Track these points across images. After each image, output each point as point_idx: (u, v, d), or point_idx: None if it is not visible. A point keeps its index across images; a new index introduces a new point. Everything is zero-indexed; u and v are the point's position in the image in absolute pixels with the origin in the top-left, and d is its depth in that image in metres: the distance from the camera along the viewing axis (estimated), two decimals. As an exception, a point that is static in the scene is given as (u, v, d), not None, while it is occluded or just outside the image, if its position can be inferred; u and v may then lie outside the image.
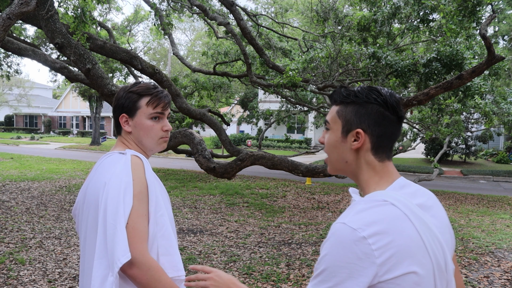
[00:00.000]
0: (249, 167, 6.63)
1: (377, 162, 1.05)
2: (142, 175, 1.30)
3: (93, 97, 24.28)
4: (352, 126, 1.04)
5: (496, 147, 21.87)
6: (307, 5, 15.55)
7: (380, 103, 1.02)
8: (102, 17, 15.92)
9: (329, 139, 1.09)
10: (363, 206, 0.95)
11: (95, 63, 5.41)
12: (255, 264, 4.76)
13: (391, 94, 1.04)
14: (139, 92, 1.40)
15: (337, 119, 1.07)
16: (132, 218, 1.24)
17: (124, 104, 1.41)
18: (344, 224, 0.91)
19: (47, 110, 44.95)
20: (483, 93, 6.59)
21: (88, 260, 1.30)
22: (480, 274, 4.62)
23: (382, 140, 1.04)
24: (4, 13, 3.63)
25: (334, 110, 1.08)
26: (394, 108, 1.03)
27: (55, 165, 14.75)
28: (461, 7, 5.97)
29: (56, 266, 4.55)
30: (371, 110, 1.02)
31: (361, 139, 1.03)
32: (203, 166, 6.36)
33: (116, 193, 1.23)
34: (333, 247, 0.90)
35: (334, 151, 1.08)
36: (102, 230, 1.23)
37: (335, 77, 7.75)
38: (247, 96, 27.21)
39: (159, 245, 1.31)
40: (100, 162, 1.39)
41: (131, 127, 1.42)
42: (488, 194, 10.88)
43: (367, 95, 1.03)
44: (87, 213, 1.31)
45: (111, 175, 1.27)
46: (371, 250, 0.88)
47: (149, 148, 1.45)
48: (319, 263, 0.92)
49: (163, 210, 1.34)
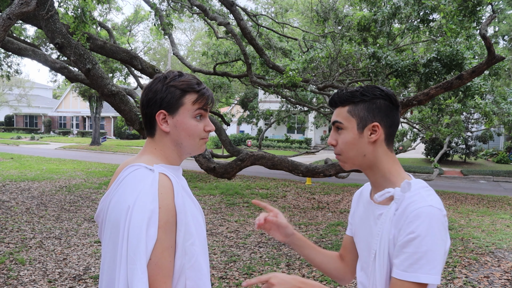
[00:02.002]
0: (249, 167, 6.62)
1: (390, 151, 1.20)
2: (170, 201, 1.13)
3: (93, 97, 24.28)
4: (367, 121, 1.16)
5: (496, 147, 21.87)
6: (307, 5, 15.55)
7: (385, 97, 1.17)
8: (102, 17, 15.92)
9: (345, 138, 1.18)
10: (426, 192, 1.10)
11: (95, 63, 5.41)
12: (255, 264, 4.76)
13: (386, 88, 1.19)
14: (184, 88, 1.21)
15: (351, 118, 1.17)
16: (156, 253, 1.09)
17: (164, 99, 1.20)
18: (432, 206, 1.05)
19: (47, 110, 44.96)
20: (483, 93, 6.59)
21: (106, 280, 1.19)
22: (480, 274, 4.62)
23: (393, 129, 1.19)
24: (4, 13, 3.62)
25: (344, 111, 1.18)
26: (394, 99, 1.18)
27: (55, 165, 14.75)
28: (461, 7, 5.97)
29: (56, 266, 4.55)
30: (380, 104, 1.17)
31: (378, 131, 1.16)
32: (203, 166, 6.35)
33: (139, 224, 1.07)
34: (430, 227, 1.03)
35: (352, 148, 1.18)
36: (120, 261, 1.10)
37: (335, 77, 7.75)
38: (247, 96, 27.20)
39: (187, 278, 1.16)
40: (125, 174, 1.19)
41: (169, 127, 1.22)
42: (488, 194, 10.87)
43: (373, 92, 1.17)
44: (109, 232, 1.17)
45: (135, 198, 1.10)
46: (447, 225, 1.08)
47: (188, 151, 1.27)
48: (417, 244, 1.03)
49: (193, 238, 1.17)
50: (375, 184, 1.22)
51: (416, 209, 1.05)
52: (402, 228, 1.08)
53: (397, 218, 1.10)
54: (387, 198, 1.16)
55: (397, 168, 1.19)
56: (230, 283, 4.17)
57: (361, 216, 1.29)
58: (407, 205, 1.09)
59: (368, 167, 1.19)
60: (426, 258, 1.02)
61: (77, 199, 8.44)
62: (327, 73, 7.97)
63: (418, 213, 1.04)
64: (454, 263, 4.93)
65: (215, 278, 4.30)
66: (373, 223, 1.20)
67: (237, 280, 4.26)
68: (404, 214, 1.08)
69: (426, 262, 1.02)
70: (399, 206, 1.11)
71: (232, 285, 4.13)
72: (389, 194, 1.14)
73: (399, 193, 1.12)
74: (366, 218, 1.25)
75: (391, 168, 1.18)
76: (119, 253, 1.10)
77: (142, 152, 1.27)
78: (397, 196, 1.12)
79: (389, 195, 1.14)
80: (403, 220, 1.08)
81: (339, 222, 6.99)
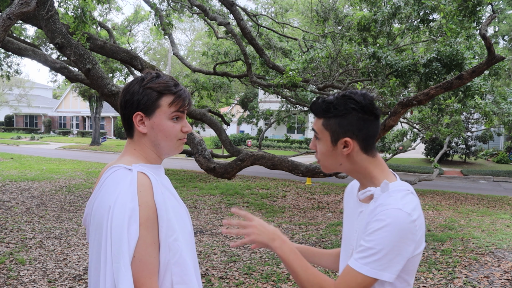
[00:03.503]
0: (249, 167, 6.62)
1: (371, 158, 1.20)
2: (149, 199, 1.15)
3: (93, 97, 24.27)
4: (339, 136, 1.18)
5: (496, 147, 21.87)
6: (307, 5, 15.56)
7: (358, 110, 1.15)
8: (102, 17, 15.92)
9: (321, 148, 1.22)
10: (400, 194, 1.12)
11: (95, 63, 5.41)
12: (255, 264, 4.76)
13: (365, 97, 1.16)
14: (160, 90, 1.22)
15: (324, 131, 1.20)
16: (139, 250, 1.11)
17: (141, 101, 1.21)
18: (400, 210, 1.07)
19: (47, 110, 44.96)
20: (483, 93, 6.58)
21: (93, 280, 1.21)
22: (480, 274, 4.62)
23: (368, 140, 1.18)
24: (4, 13, 3.62)
25: (319, 122, 1.21)
26: (370, 110, 1.16)
27: (55, 165, 14.75)
28: (461, 7, 5.97)
29: (56, 266, 4.55)
30: (352, 119, 1.16)
31: (350, 146, 1.17)
32: (203, 166, 6.35)
33: (121, 223, 1.10)
34: (392, 229, 1.06)
35: (327, 157, 1.22)
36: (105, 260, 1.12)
37: (335, 77, 7.75)
38: (247, 96, 27.20)
39: (173, 273, 1.18)
40: (106, 176, 1.22)
41: (146, 128, 1.24)
42: (488, 194, 10.87)
43: (345, 106, 1.15)
44: (94, 233, 1.20)
45: (115, 198, 1.13)
46: (415, 230, 1.08)
47: (166, 151, 1.28)
48: (375, 241, 1.07)
49: (176, 234, 1.19)
50: (361, 183, 1.26)
51: (384, 210, 1.09)
52: (368, 224, 1.12)
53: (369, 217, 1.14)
54: (368, 197, 1.20)
55: (378, 171, 1.20)
56: (230, 283, 4.17)
57: (348, 212, 1.33)
58: (378, 205, 1.12)
59: (348, 171, 1.23)
60: (378, 255, 1.07)
61: (77, 199, 8.44)
62: (327, 73, 7.97)
63: (384, 213, 1.08)
64: (454, 263, 4.93)
65: (215, 278, 4.30)
66: (355, 219, 1.24)
67: (237, 280, 4.26)
68: (373, 212, 1.12)
69: (378, 259, 1.07)
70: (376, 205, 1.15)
71: (232, 285, 4.13)
72: (370, 192, 1.18)
73: (378, 193, 1.16)
74: (352, 214, 1.29)
75: (371, 171, 1.20)
76: (103, 253, 1.12)
77: (122, 153, 1.29)
78: (376, 195, 1.16)
79: (370, 193, 1.18)
80: (370, 217, 1.12)
81: (339, 222, 6.99)
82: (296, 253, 1.19)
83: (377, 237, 1.07)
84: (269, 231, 1.18)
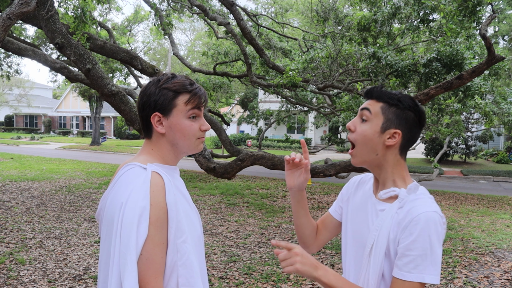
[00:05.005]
0: (249, 167, 6.63)
1: (402, 160, 1.24)
2: (161, 199, 1.16)
3: (93, 97, 24.28)
4: (391, 125, 1.20)
5: (496, 147, 21.86)
6: (307, 5, 15.56)
7: (416, 112, 1.21)
8: (102, 17, 15.91)
9: (366, 130, 1.22)
10: (429, 198, 1.17)
11: (95, 63, 5.41)
12: (255, 264, 4.76)
13: (421, 106, 1.23)
14: (176, 90, 1.24)
15: (380, 115, 1.21)
16: (147, 248, 1.12)
17: (158, 101, 1.23)
18: (436, 212, 1.12)
19: (47, 110, 44.96)
20: (483, 93, 6.59)
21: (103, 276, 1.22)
22: (480, 274, 4.62)
23: (409, 143, 1.23)
24: (4, 13, 3.63)
25: (377, 105, 1.22)
26: (423, 117, 1.23)
27: (55, 165, 14.75)
28: (461, 7, 5.97)
29: (56, 266, 4.55)
30: (409, 116, 1.20)
31: (397, 139, 1.20)
32: (203, 166, 6.36)
33: (130, 220, 1.11)
34: (433, 230, 1.10)
35: (368, 142, 1.22)
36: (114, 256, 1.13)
37: (335, 77, 7.75)
38: (247, 96, 27.20)
39: (179, 275, 1.18)
40: (121, 173, 1.23)
41: (164, 128, 1.25)
42: (488, 194, 10.87)
43: (408, 103, 1.21)
44: (105, 229, 1.21)
45: (128, 196, 1.14)
46: (444, 233, 1.14)
47: (184, 151, 1.29)
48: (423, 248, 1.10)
49: (185, 236, 1.19)
50: (381, 182, 1.26)
51: (421, 212, 1.11)
52: (406, 230, 1.12)
53: (401, 219, 1.14)
54: (391, 197, 1.21)
55: (404, 175, 1.24)
56: (230, 283, 4.17)
57: (357, 206, 1.33)
58: (411, 208, 1.14)
59: (376, 166, 1.24)
60: (431, 260, 1.09)
61: (77, 199, 8.44)
62: (327, 73, 7.97)
63: (425, 218, 1.10)
64: (454, 263, 4.93)
65: (215, 278, 4.30)
66: (370, 217, 1.24)
67: (237, 280, 4.26)
68: (409, 216, 1.13)
69: (430, 264, 1.09)
70: (402, 206, 1.16)
71: (232, 285, 4.13)
72: (394, 193, 1.20)
73: (404, 194, 1.18)
74: (363, 210, 1.28)
75: (398, 174, 1.23)
76: (113, 249, 1.13)
77: (139, 152, 1.30)
78: (402, 196, 1.18)
79: (394, 194, 1.20)
80: (407, 222, 1.12)
81: (339, 222, 6.98)
82: (340, 277, 1.19)
83: (424, 243, 1.10)
84: (311, 261, 1.17)
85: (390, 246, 1.16)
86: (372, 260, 1.18)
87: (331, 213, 1.47)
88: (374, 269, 1.18)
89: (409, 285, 1.10)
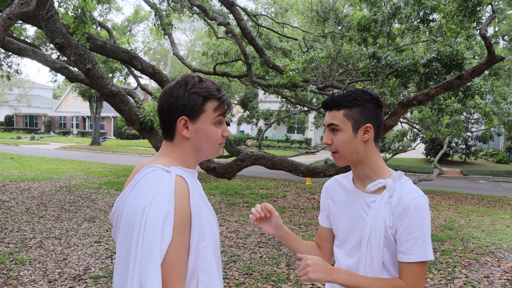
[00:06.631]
0: (249, 167, 6.62)
1: (376, 148, 1.38)
2: (185, 203, 1.14)
3: (93, 97, 24.27)
4: (361, 123, 1.33)
5: (496, 147, 21.86)
6: (307, 5, 15.55)
7: (373, 100, 1.35)
8: (102, 17, 15.91)
9: (341, 138, 1.34)
10: (410, 182, 1.32)
11: (95, 63, 5.41)
12: (255, 264, 4.76)
13: (372, 91, 1.37)
14: (206, 95, 1.24)
15: (346, 121, 1.33)
16: (170, 253, 1.10)
17: (187, 105, 1.22)
18: (423, 196, 1.28)
19: (47, 110, 44.95)
20: (483, 93, 6.58)
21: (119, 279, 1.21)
22: (480, 274, 4.62)
23: (380, 128, 1.37)
24: (4, 13, 3.62)
25: (339, 114, 1.34)
26: (380, 101, 1.36)
27: (55, 165, 14.75)
28: (461, 7, 5.96)
29: (56, 266, 4.55)
30: (370, 107, 1.34)
31: (371, 132, 1.33)
32: (203, 166, 6.35)
33: (155, 224, 1.09)
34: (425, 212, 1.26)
35: (348, 146, 1.34)
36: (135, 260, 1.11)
37: (335, 77, 7.74)
38: (247, 96, 27.19)
39: (199, 281, 1.17)
40: (141, 175, 1.21)
41: (190, 132, 1.24)
42: (488, 194, 10.87)
43: (363, 97, 1.33)
44: (124, 231, 1.19)
45: (152, 199, 1.12)
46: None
47: (206, 156, 1.30)
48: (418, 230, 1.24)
49: (207, 241, 1.19)
50: (363, 177, 1.39)
51: (412, 199, 1.26)
52: (402, 217, 1.26)
53: (394, 206, 1.28)
54: (379, 188, 1.34)
55: (382, 163, 1.38)
56: (230, 283, 4.17)
57: (342, 205, 1.44)
58: (401, 195, 1.28)
59: (358, 162, 1.37)
60: (428, 239, 1.25)
61: (77, 199, 8.44)
62: (327, 73, 7.96)
63: (416, 203, 1.25)
64: (454, 263, 4.93)
65: (215, 278, 4.30)
66: (362, 209, 1.36)
67: (237, 280, 4.25)
68: (401, 204, 1.27)
69: (428, 242, 1.25)
70: (392, 194, 1.30)
71: (232, 285, 4.13)
72: (381, 184, 1.33)
73: (391, 183, 1.31)
74: (351, 205, 1.40)
75: (378, 162, 1.37)
76: (134, 253, 1.12)
77: (159, 154, 1.29)
78: (389, 185, 1.31)
79: (381, 185, 1.33)
80: (401, 209, 1.26)
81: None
82: (354, 274, 1.31)
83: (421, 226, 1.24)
84: (324, 267, 1.27)
85: (388, 232, 1.28)
86: (374, 248, 1.30)
87: (322, 224, 1.57)
88: (376, 256, 1.29)
89: (416, 266, 1.24)
